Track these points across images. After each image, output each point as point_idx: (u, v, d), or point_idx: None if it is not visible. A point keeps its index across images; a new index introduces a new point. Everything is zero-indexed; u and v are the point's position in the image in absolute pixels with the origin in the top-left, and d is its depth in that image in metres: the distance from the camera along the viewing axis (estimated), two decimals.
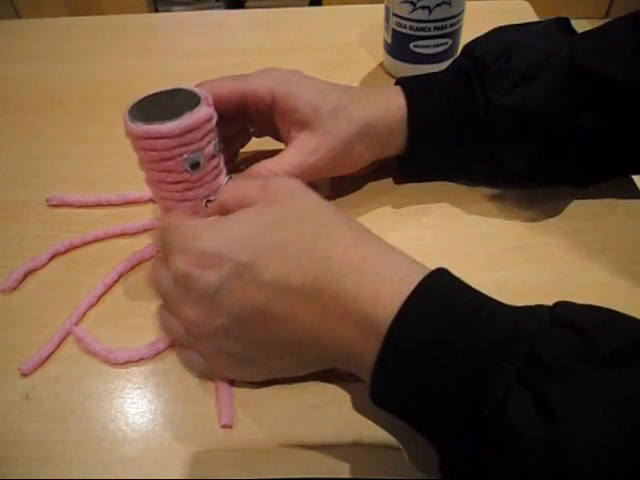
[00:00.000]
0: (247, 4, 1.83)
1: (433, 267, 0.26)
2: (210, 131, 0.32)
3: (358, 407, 0.30)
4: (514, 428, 0.21)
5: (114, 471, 0.29)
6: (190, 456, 0.29)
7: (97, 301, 0.36)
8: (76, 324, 0.35)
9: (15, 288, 0.37)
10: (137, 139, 0.31)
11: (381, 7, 0.52)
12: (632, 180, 0.42)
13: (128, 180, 0.44)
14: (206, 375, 0.32)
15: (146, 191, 0.33)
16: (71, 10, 1.78)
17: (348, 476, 0.28)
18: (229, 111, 0.37)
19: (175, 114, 0.30)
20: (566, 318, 0.23)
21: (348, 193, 0.43)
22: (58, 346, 0.34)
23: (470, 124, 0.38)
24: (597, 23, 0.38)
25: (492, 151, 0.39)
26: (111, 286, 0.37)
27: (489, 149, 0.39)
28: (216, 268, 0.27)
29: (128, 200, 0.42)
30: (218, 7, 1.80)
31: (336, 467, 0.28)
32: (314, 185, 0.42)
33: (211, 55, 0.59)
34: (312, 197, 0.30)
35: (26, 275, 0.37)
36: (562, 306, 0.25)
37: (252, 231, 0.28)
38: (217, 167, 0.34)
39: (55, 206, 0.42)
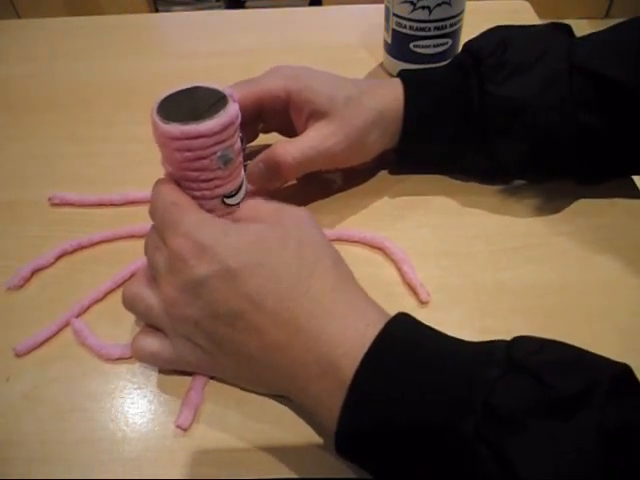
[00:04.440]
0: (247, 4, 1.83)
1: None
2: (237, 128, 0.32)
3: None
4: (474, 475, 0.22)
5: (114, 471, 0.29)
6: (190, 456, 0.29)
7: (103, 297, 0.36)
8: (77, 316, 0.35)
9: (22, 286, 0.37)
10: (172, 140, 0.30)
11: (381, 7, 0.52)
12: (632, 180, 0.42)
13: (127, 180, 0.44)
14: (166, 366, 0.32)
15: (147, 191, 0.33)
16: (71, 10, 1.78)
17: (348, 476, 0.28)
18: (246, 115, 0.36)
19: (201, 112, 0.30)
20: (522, 361, 0.24)
21: (348, 192, 0.43)
22: (55, 334, 0.34)
23: (464, 115, 0.39)
24: (597, 23, 0.39)
25: (485, 143, 0.39)
26: (120, 285, 0.37)
27: (483, 141, 0.39)
28: (207, 264, 0.28)
29: (129, 200, 0.42)
30: (218, 7, 1.80)
31: (336, 467, 0.28)
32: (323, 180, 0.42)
33: (211, 55, 0.59)
34: (315, 231, 0.31)
35: (33, 273, 0.38)
36: (519, 346, 0.25)
37: (250, 244, 0.29)
38: (242, 161, 0.34)
39: (57, 205, 0.42)
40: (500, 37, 0.39)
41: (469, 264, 0.37)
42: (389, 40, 0.52)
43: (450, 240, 0.39)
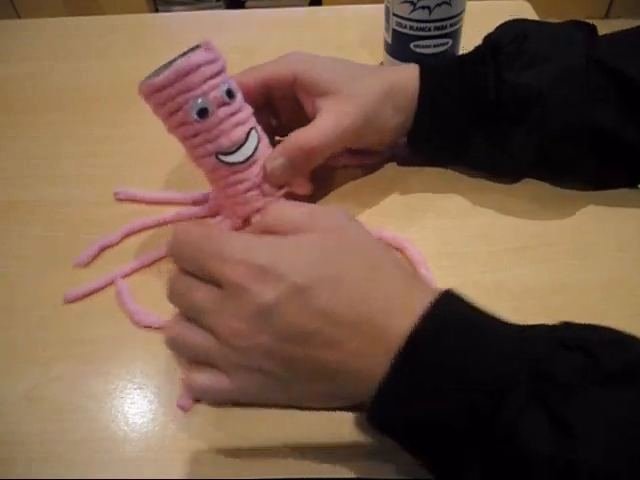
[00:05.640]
0: (247, 4, 1.83)
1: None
2: (212, 76, 0.31)
3: (358, 407, 0.30)
4: (528, 444, 0.22)
5: (114, 471, 0.29)
6: (190, 456, 0.29)
7: (150, 264, 0.37)
8: (123, 277, 0.36)
9: (89, 264, 0.38)
10: (146, 98, 0.31)
11: (381, 7, 0.52)
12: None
13: (128, 179, 0.44)
14: (224, 399, 0.30)
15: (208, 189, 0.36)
16: (71, 10, 1.78)
17: (348, 476, 0.28)
18: (255, 100, 0.37)
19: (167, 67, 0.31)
20: (570, 338, 0.24)
21: (357, 190, 0.42)
22: (102, 288, 0.36)
23: (479, 102, 0.38)
24: (597, 23, 0.38)
25: (499, 132, 0.38)
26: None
27: (496, 130, 0.38)
28: (272, 286, 0.27)
29: (195, 199, 0.42)
30: (218, 7, 1.80)
31: (336, 467, 0.28)
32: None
33: None
34: (361, 229, 0.31)
35: (100, 251, 0.38)
36: (566, 326, 0.25)
37: (311, 257, 0.28)
38: (234, 115, 0.33)
39: (122, 200, 0.42)
40: (520, 28, 0.39)
41: (469, 264, 0.37)
42: (389, 40, 0.52)
43: (450, 240, 0.39)
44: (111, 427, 0.30)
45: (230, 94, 0.33)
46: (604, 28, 0.39)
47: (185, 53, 0.32)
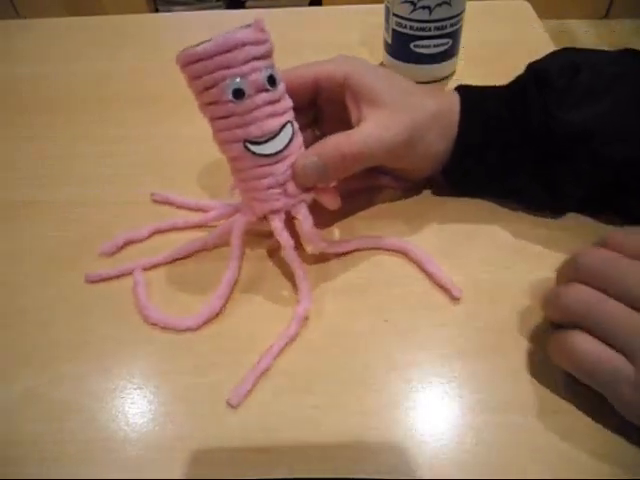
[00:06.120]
0: (247, 4, 1.83)
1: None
2: (256, 57, 0.30)
3: (358, 407, 0.30)
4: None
5: (114, 471, 0.29)
6: (190, 456, 0.29)
7: (172, 261, 0.38)
8: (143, 270, 0.37)
9: (113, 254, 0.38)
10: (182, 68, 0.30)
11: (381, 7, 0.52)
12: None
13: (133, 179, 0.44)
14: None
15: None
16: (71, 10, 1.78)
17: (348, 476, 0.28)
18: (300, 98, 0.35)
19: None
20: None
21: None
22: (123, 275, 0.37)
23: (523, 137, 0.36)
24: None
25: (543, 170, 0.36)
26: (192, 254, 0.38)
27: (540, 168, 0.36)
28: None
29: (233, 207, 0.40)
30: (218, 7, 1.81)
31: (336, 467, 0.28)
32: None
33: None
34: None
35: (125, 245, 0.39)
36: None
37: None
38: (271, 104, 0.31)
39: (158, 202, 0.42)
40: (570, 59, 0.37)
41: (469, 264, 0.37)
42: (389, 40, 0.52)
43: (451, 240, 0.39)
44: (111, 427, 0.30)
45: (272, 81, 0.31)
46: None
47: (235, 29, 0.31)
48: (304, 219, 0.34)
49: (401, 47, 0.51)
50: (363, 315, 0.35)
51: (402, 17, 0.49)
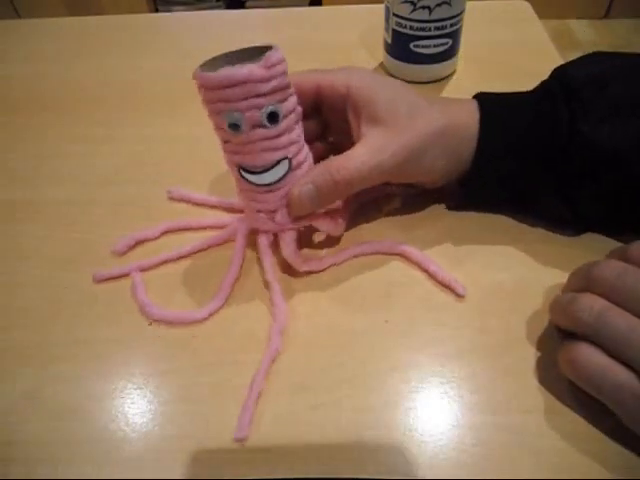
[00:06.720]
0: (247, 4, 1.83)
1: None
2: (256, 95, 0.30)
3: (358, 407, 0.30)
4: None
5: (114, 471, 0.29)
6: (190, 456, 0.29)
7: (176, 260, 0.38)
8: (143, 270, 0.37)
9: (124, 253, 0.39)
10: (197, 86, 0.30)
11: (381, 7, 0.52)
12: None
13: (129, 179, 0.44)
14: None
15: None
16: (71, 10, 1.78)
17: (348, 476, 0.28)
18: (303, 100, 0.35)
19: (229, 64, 0.29)
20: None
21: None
22: (124, 276, 0.37)
23: (547, 152, 0.35)
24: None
25: (566, 188, 0.35)
26: (195, 252, 0.38)
27: (563, 185, 0.35)
28: None
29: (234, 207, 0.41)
30: (218, 7, 1.81)
31: (336, 467, 0.28)
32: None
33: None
34: None
35: (136, 244, 0.39)
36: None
37: None
38: (268, 140, 0.31)
39: (175, 199, 0.42)
40: (599, 68, 0.35)
41: (468, 264, 0.37)
42: (389, 40, 0.52)
43: (450, 239, 0.39)
44: (111, 427, 0.30)
45: (273, 118, 0.31)
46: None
47: (254, 52, 0.31)
48: (285, 246, 0.35)
49: (401, 47, 0.51)
50: (363, 315, 0.35)
51: (402, 17, 0.49)
